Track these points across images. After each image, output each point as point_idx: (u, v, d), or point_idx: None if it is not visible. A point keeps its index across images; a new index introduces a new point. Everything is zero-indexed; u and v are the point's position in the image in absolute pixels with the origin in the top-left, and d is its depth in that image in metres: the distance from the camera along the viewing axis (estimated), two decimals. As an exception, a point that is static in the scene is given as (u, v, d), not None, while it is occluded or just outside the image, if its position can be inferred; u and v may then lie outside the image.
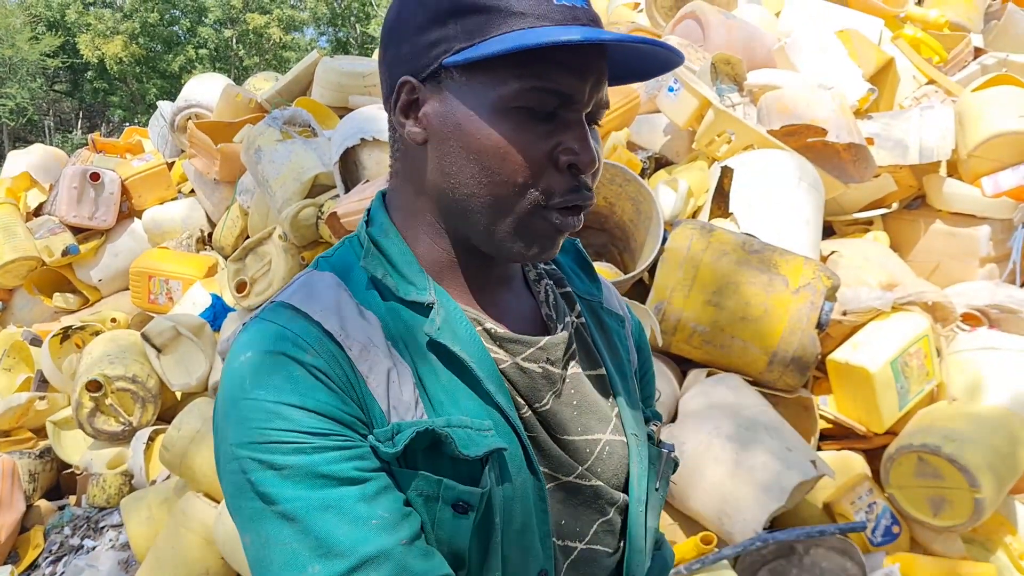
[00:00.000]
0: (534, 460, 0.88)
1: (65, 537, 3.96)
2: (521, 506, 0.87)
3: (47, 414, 4.54)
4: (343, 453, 0.79)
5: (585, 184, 0.87)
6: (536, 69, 0.81)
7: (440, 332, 0.86)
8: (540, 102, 0.82)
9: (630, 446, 0.99)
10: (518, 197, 0.84)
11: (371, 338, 0.86)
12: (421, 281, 0.90)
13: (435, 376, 0.86)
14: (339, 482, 0.78)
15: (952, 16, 5.32)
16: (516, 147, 0.82)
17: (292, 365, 0.80)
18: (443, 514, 0.82)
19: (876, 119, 3.90)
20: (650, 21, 5.59)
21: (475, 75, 0.83)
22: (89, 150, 6.50)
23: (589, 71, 0.83)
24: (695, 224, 2.97)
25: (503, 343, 0.91)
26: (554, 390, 0.93)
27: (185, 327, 4.16)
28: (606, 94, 0.88)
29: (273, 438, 0.78)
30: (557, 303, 1.01)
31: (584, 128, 0.85)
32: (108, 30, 30.89)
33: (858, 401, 2.88)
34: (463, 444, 0.82)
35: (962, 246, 3.61)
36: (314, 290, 0.89)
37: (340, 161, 3.82)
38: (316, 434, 0.78)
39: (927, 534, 2.70)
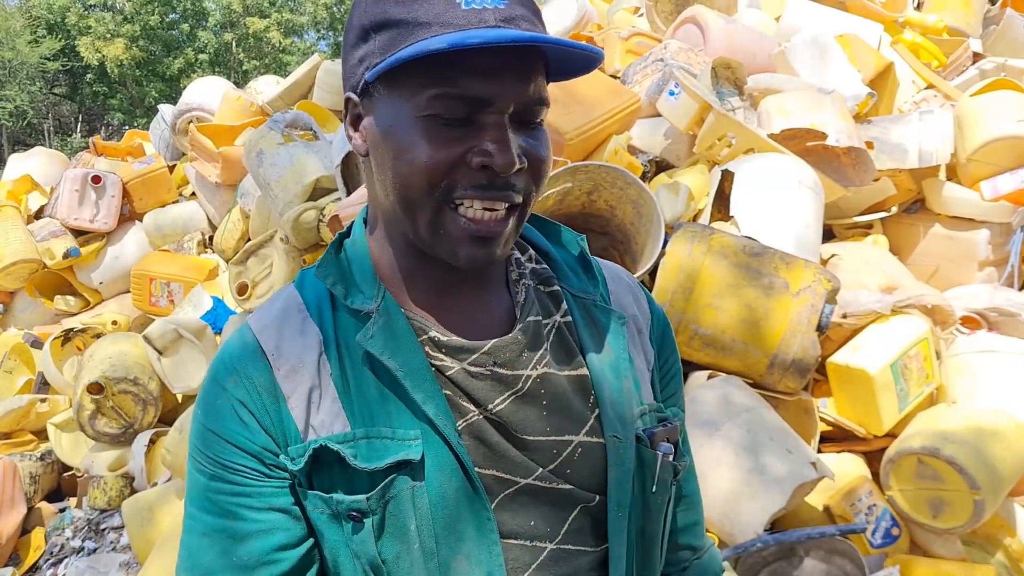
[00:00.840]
0: (470, 468, 0.88)
1: (66, 539, 3.96)
2: (460, 513, 0.88)
3: (48, 416, 4.55)
4: (233, 487, 0.89)
5: (506, 184, 0.85)
6: (443, 76, 0.81)
7: (372, 341, 0.89)
8: (448, 108, 0.82)
9: (608, 449, 0.96)
10: (425, 198, 0.85)
11: (302, 357, 0.92)
12: (370, 289, 0.94)
13: (366, 386, 0.90)
14: (219, 513, 0.90)
15: (951, 21, 5.34)
16: (425, 152, 0.83)
17: (219, 393, 0.91)
18: (347, 527, 0.88)
19: (875, 123, 3.92)
20: (650, 25, 5.61)
21: (394, 88, 0.85)
22: (90, 153, 6.51)
23: (504, 71, 0.82)
24: (696, 227, 2.98)
25: (449, 350, 0.93)
26: (512, 391, 0.93)
27: (186, 329, 4.17)
28: (537, 92, 0.86)
29: (195, 454, 0.92)
30: (527, 302, 1.00)
31: (502, 130, 0.83)
32: (108, 33, 30.87)
33: (858, 403, 2.88)
34: (364, 457, 0.87)
35: (961, 250, 3.62)
36: (270, 307, 0.98)
37: (341, 164, 3.83)
38: (218, 462, 0.90)
39: (927, 536, 2.71)
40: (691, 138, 3.88)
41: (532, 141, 0.87)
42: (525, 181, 0.88)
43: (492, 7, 0.82)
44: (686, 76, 3.81)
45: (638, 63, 4.43)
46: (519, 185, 0.87)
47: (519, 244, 1.07)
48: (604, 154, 3.58)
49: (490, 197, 0.85)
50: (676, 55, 4.30)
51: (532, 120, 0.87)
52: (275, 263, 4.18)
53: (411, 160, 0.84)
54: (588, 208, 3.42)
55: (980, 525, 2.55)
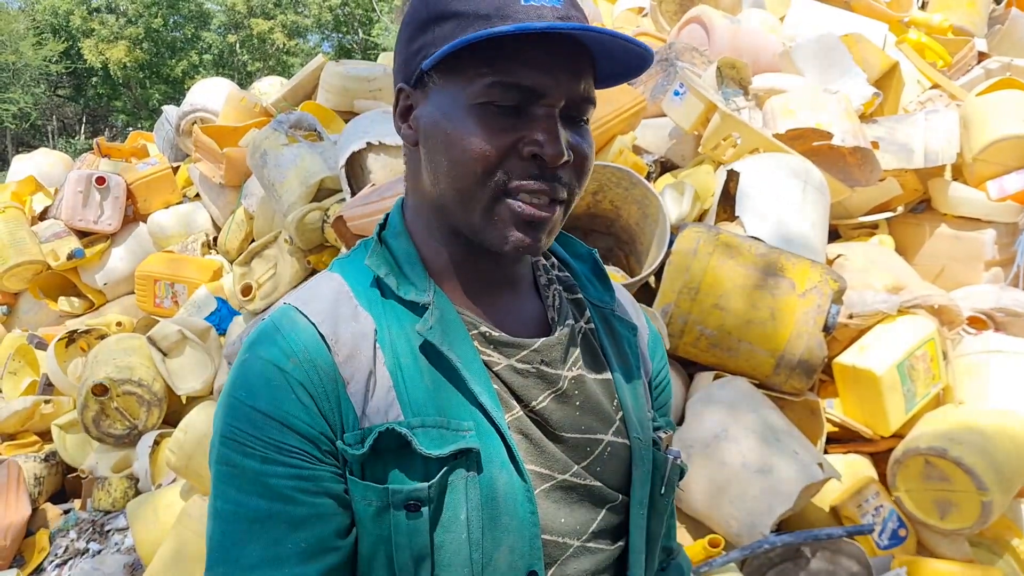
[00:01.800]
0: (519, 460, 0.90)
1: (71, 541, 3.96)
2: (505, 505, 0.89)
3: (52, 418, 4.55)
4: (288, 471, 0.86)
5: (553, 175, 0.88)
6: (499, 66, 0.84)
7: (431, 332, 0.90)
8: (503, 97, 0.85)
9: (632, 449, 1.01)
10: (480, 186, 0.87)
11: (358, 343, 0.91)
12: (421, 282, 0.95)
13: (420, 375, 0.90)
14: (274, 497, 0.85)
15: (956, 21, 5.33)
16: (478, 139, 0.86)
17: (274, 373, 0.87)
18: (397, 520, 0.86)
19: (881, 123, 3.91)
20: (655, 25, 5.60)
21: (450, 77, 0.88)
22: (94, 154, 6.51)
23: (557, 66, 0.86)
24: (701, 228, 2.98)
25: (497, 346, 0.95)
26: (553, 390, 0.96)
27: (190, 331, 4.17)
28: (587, 90, 0.90)
29: (237, 437, 0.87)
30: (562, 307, 1.04)
31: (552, 122, 0.86)
32: (112, 35, 30.95)
33: (864, 404, 2.88)
34: (427, 444, 0.86)
35: (967, 250, 3.61)
36: (317, 291, 0.96)
37: (346, 165, 3.83)
38: (272, 445, 0.86)
39: (934, 537, 2.70)
40: (696, 138, 3.87)
41: (578, 138, 0.91)
42: (570, 176, 0.90)
43: (551, 5, 0.85)
44: (691, 76, 3.80)
45: (643, 63, 4.42)
46: (565, 179, 0.90)
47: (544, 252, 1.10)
48: (609, 154, 3.58)
49: (539, 189, 0.88)
50: (681, 55, 4.29)
51: (579, 117, 0.91)
52: (279, 264, 4.18)
53: (465, 148, 0.87)
54: (593, 208, 3.42)
55: (988, 526, 2.55)
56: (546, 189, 0.88)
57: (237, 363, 0.91)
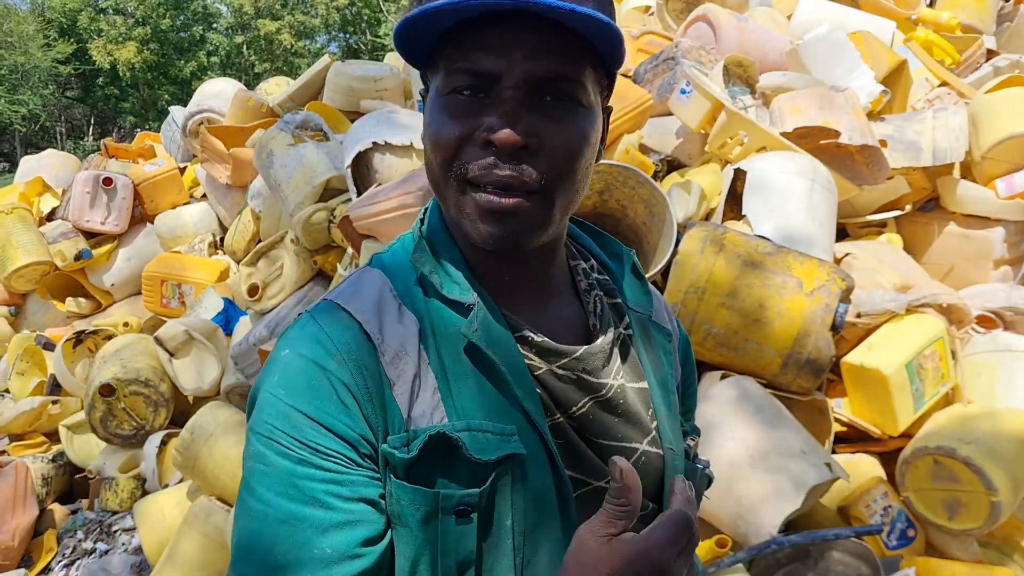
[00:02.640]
0: (559, 465, 0.89)
1: (78, 541, 3.97)
2: (545, 510, 0.88)
3: (60, 418, 4.56)
4: (323, 474, 0.82)
5: (512, 160, 0.83)
6: (456, 53, 0.83)
7: (477, 334, 0.88)
8: (464, 82, 0.83)
9: (666, 459, 1.00)
10: (445, 177, 0.86)
11: (404, 344, 0.89)
12: (464, 282, 0.92)
13: (465, 378, 0.88)
14: (305, 501, 0.82)
15: (964, 18, 5.30)
16: (442, 127, 0.85)
17: (316, 372, 0.85)
18: (446, 525, 0.84)
19: (889, 121, 3.89)
20: (661, 24, 5.59)
21: (432, 72, 0.89)
22: (102, 155, 6.53)
23: (513, 47, 0.81)
24: (708, 227, 2.96)
25: (540, 351, 0.92)
26: (594, 397, 0.94)
27: (197, 331, 4.18)
28: (556, 68, 0.83)
29: (274, 435, 0.84)
30: (604, 313, 1.01)
31: (508, 104, 0.82)
32: (120, 36, 31.07)
33: (873, 404, 2.86)
34: (476, 448, 0.84)
35: (976, 248, 3.59)
36: (360, 288, 0.94)
37: (352, 165, 3.83)
38: (309, 446, 0.83)
39: (943, 537, 2.68)
40: (703, 137, 3.86)
41: (555, 123, 0.84)
42: (539, 166, 0.84)
43: None
44: (698, 75, 3.79)
45: (649, 62, 4.42)
46: (528, 169, 0.83)
47: (582, 254, 1.07)
48: (616, 153, 3.57)
49: (494, 180, 0.83)
50: (687, 54, 4.28)
51: (561, 99, 0.85)
52: (286, 264, 4.18)
53: (431, 138, 0.87)
54: (600, 208, 3.41)
55: (997, 527, 2.53)
56: (506, 176, 0.83)
57: (276, 359, 0.88)
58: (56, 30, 31.46)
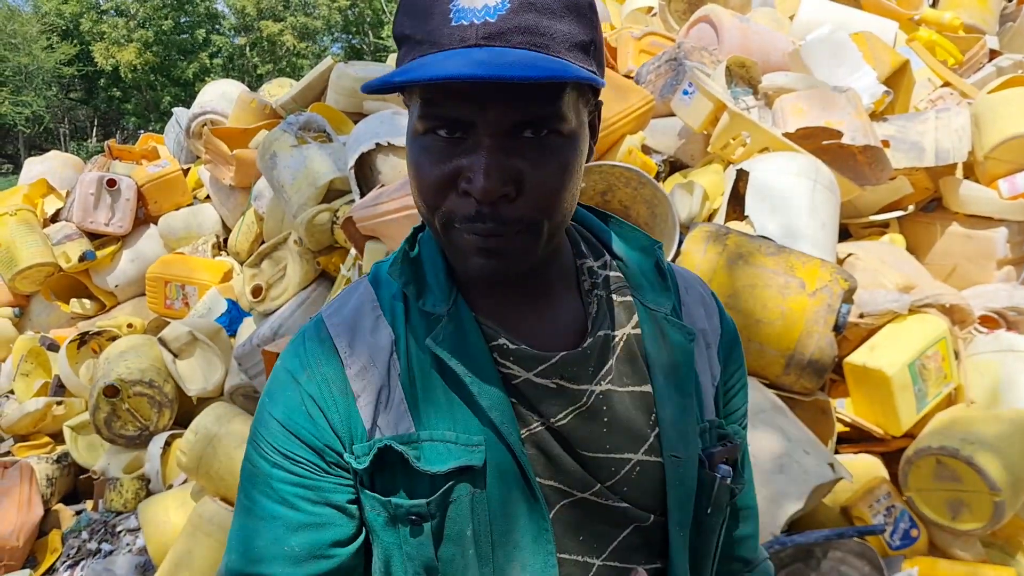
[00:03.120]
0: (531, 476, 0.88)
1: (82, 541, 3.98)
2: (517, 522, 0.88)
3: (64, 419, 4.57)
4: (294, 478, 0.90)
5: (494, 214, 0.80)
6: (429, 96, 0.79)
7: (442, 345, 0.89)
8: (436, 127, 0.80)
9: (666, 468, 0.94)
10: (432, 215, 0.85)
11: (373, 357, 0.92)
12: (443, 292, 0.92)
13: (434, 389, 0.90)
14: (279, 501, 0.90)
15: (967, 18, 5.30)
16: (422, 170, 0.83)
17: (290, 385, 0.92)
18: (404, 531, 0.88)
19: (892, 121, 3.89)
20: (663, 25, 5.59)
21: (410, 102, 0.85)
22: (105, 156, 6.54)
23: (485, 95, 0.76)
24: (710, 227, 2.97)
25: (517, 359, 0.90)
26: (576, 406, 0.91)
27: (201, 332, 4.19)
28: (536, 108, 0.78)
29: (257, 440, 0.93)
30: (599, 314, 0.96)
31: (483, 154, 0.78)
32: (122, 38, 31.11)
33: (875, 404, 2.86)
34: (428, 460, 0.87)
35: (979, 248, 3.59)
36: (346, 300, 0.99)
37: (355, 166, 3.83)
38: (281, 452, 0.90)
39: (946, 538, 2.68)
40: (705, 138, 3.86)
41: (535, 163, 0.80)
42: (521, 210, 0.81)
43: (481, 22, 0.76)
44: (700, 75, 3.79)
45: (652, 63, 4.42)
46: (509, 215, 0.81)
47: (595, 249, 1.03)
48: (618, 154, 3.57)
49: (477, 231, 0.81)
50: (690, 54, 4.29)
51: (541, 133, 0.80)
52: (289, 265, 4.19)
53: (416, 178, 0.84)
54: (602, 208, 3.41)
55: (1000, 527, 2.53)
56: (489, 228, 0.81)
57: (273, 370, 0.97)
58: (59, 32, 31.52)
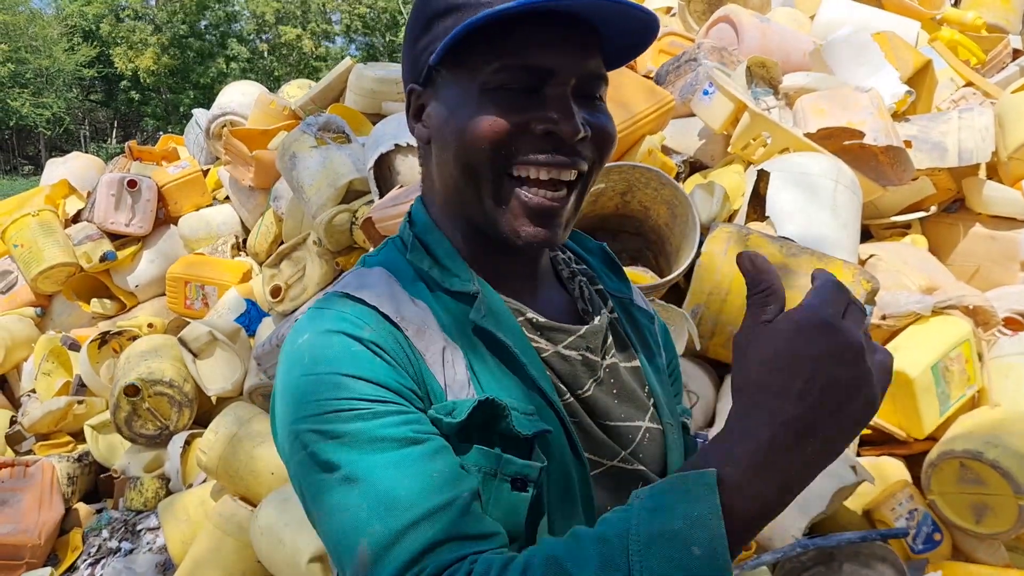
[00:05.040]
0: (578, 444, 0.90)
1: (103, 540, 4.00)
2: (566, 489, 0.89)
3: (85, 418, 4.60)
4: (401, 417, 0.80)
5: (572, 149, 0.86)
6: (504, 49, 0.84)
7: (485, 319, 0.89)
8: (512, 79, 0.85)
9: (666, 434, 1.02)
10: (488, 165, 0.86)
11: (424, 321, 0.90)
12: (464, 273, 0.94)
13: (482, 362, 0.89)
14: (399, 443, 0.79)
15: (989, 18, 5.26)
16: (489, 120, 0.85)
17: (349, 341, 0.84)
18: (500, 492, 0.83)
19: (914, 121, 3.86)
20: (683, 25, 5.57)
21: (457, 70, 0.88)
22: (126, 157, 6.58)
23: (566, 43, 0.85)
24: (731, 228, 2.95)
25: (544, 331, 0.94)
26: (594, 377, 0.96)
27: (221, 332, 4.20)
28: (597, 67, 0.89)
29: (332, 407, 0.80)
30: (592, 298, 1.05)
31: (566, 100, 0.85)
32: (140, 42, 31.35)
33: (898, 406, 2.84)
34: (517, 422, 0.84)
35: (1002, 250, 3.56)
36: (366, 280, 0.94)
37: (374, 167, 3.84)
38: (375, 400, 0.80)
39: (970, 541, 2.66)
40: (726, 138, 3.84)
41: (595, 113, 0.89)
42: (591, 150, 0.89)
43: None
44: (720, 75, 3.78)
45: (671, 63, 4.41)
46: (585, 152, 0.88)
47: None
48: (638, 155, 3.56)
49: (556, 163, 0.86)
50: (710, 54, 4.27)
51: (593, 95, 0.90)
52: (308, 266, 4.20)
53: (475, 128, 0.85)
54: (622, 209, 3.40)
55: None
56: (566, 164, 0.87)
57: (299, 345, 0.86)
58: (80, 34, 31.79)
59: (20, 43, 29.23)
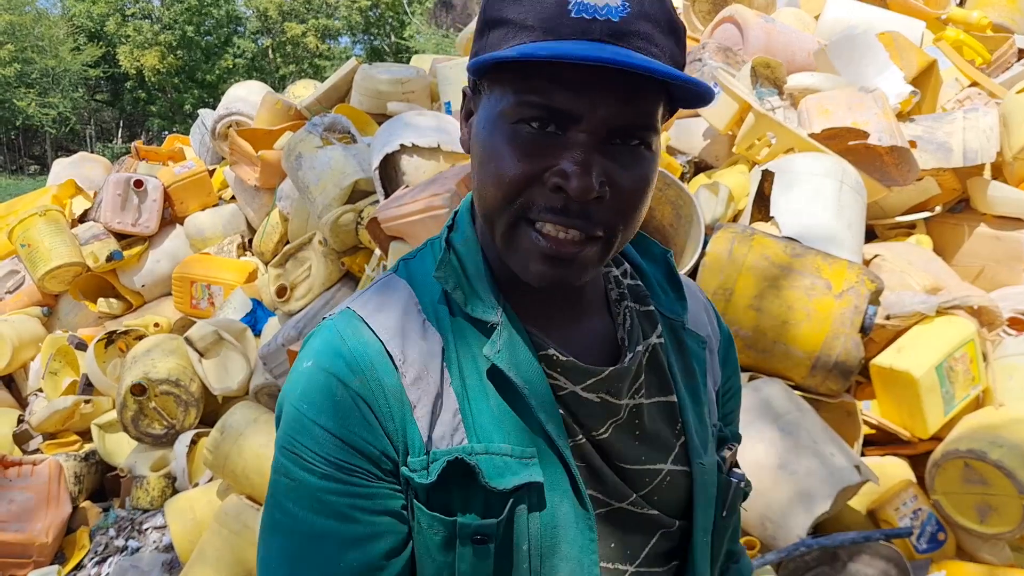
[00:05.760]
0: (582, 489, 0.88)
1: (110, 538, 4.02)
2: (564, 533, 0.87)
3: (92, 417, 4.62)
4: (349, 488, 0.84)
5: (581, 211, 0.80)
6: (534, 84, 0.78)
7: (499, 356, 0.86)
8: (533, 116, 0.79)
9: (694, 476, 0.97)
10: (501, 210, 0.82)
11: (427, 364, 0.88)
12: (489, 298, 0.90)
13: (486, 399, 0.88)
14: (330, 515, 0.83)
15: (995, 17, 5.25)
16: (505, 161, 0.80)
17: (338, 388, 0.85)
18: (463, 552, 0.85)
19: (919, 122, 3.86)
20: (688, 25, 5.57)
21: (494, 87, 0.83)
22: (132, 157, 6.60)
23: (599, 90, 0.76)
24: (736, 228, 2.96)
25: (565, 370, 0.90)
26: (615, 419, 0.92)
27: (227, 332, 4.22)
28: (639, 115, 0.79)
29: (297, 450, 0.85)
30: (633, 328, 0.97)
31: (585, 152, 0.78)
32: (146, 41, 31.40)
33: (902, 406, 2.84)
34: (492, 475, 0.84)
35: (1007, 250, 3.55)
36: (386, 301, 0.92)
37: (380, 167, 3.85)
38: (332, 462, 0.84)
39: (974, 541, 2.66)
40: (730, 138, 3.85)
41: (625, 170, 0.81)
42: (606, 214, 0.81)
43: (603, 19, 0.75)
44: (725, 76, 3.78)
45: (676, 63, 4.40)
46: (597, 217, 0.81)
47: (615, 258, 1.04)
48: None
49: (562, 224, 0.80)
50: (714, 55, 4.27)
51: (631, 143, 0.81)
52: (314, 265, 4.21)
53: (493, 169, 0.82)
54: (626, 209, 3.40)
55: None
56: (571, 226, 0.80)
57: (301, 370, 0.88)
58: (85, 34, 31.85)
59: (26, 43, 29.30)
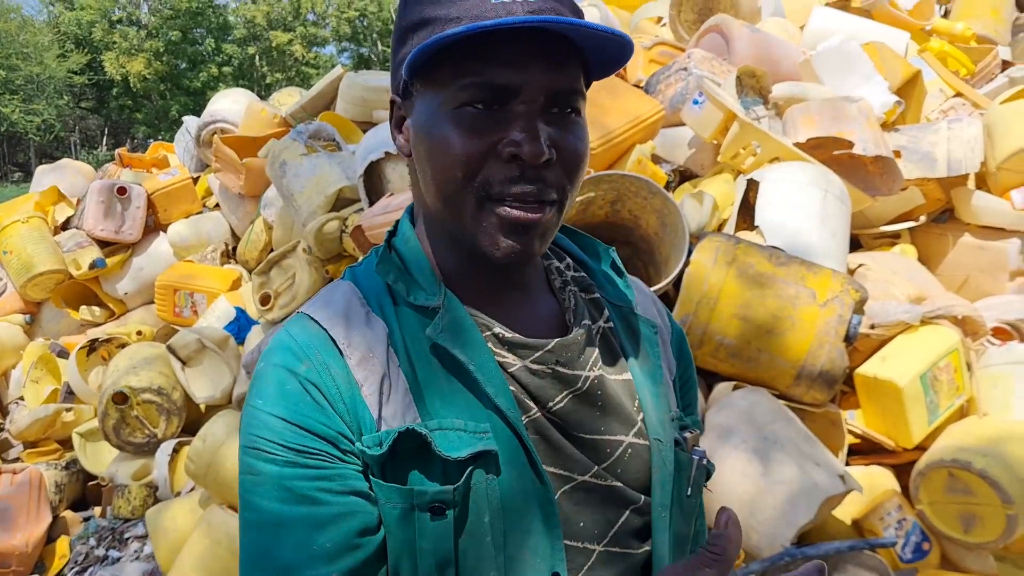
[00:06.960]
0: (538, 462, 0.89)
1: (90, 548, 3.98)
2: (523, 506, 0.88)
3: (73, 426, 4.58)
4: (311, 471, 0.85)
5: (537, 176, 0.86)
6: (470, 67, 0.83)
7: (442, 336, 0.90)
8: (477, 97, 0.84)
9: (652, 451, 0.99)
10: (462, 191, 0.86)
11: (371, 348, 0.91)
12: (431, 286, 0.94)
13: (435, 380, 0.90)
14: (296, 500, 0.84)
15: (979, 29, 5.30)
16: (457, 143, 0.85)
17: (287, 377, 0.88)
18: (422, 523, 0.85)
19: (903, 132, 3.88)
20: (674, 35, 5.59)
21: (429, 85, 0.88)
22: (116, 165, 6.57)
23: (531, 60, 0.83)
24: (721, 237, 2.96)
25: (512, 347, 0.94)
26: (571, 390, 0.95)
27: (210, 340, 4.19)
28: (570, 81, 0.87)
29: (257, 444, 0.86)
30: (579, 307, 1.03)
31: (530, 119, 0.84)
32: (132, 48, 31.34)
33: (887, 416, 2.84)
34: (446, 446, 0.85)
35: (991, 260, 3.57)
36: (330, 298, 0.97)
37: (364, 175, 3.84)
38: (291, 448, 0.85)
39: (958, 551, 2.66)
40: (715, 147, 3.85)
41: (565, 133, 0.87)
42: (558, 175, 0.87)
43: (522, 0, 0.83)
44: (710, 85, 3.79)
45: (661, 72, 4.42)
46: (551, 178, 0.87)
47: (556, 253, 1.10)
48: (628, 164, 3.57)
49: (520, 189, 0.85)
50: (700, 64, 4.28)
51: (566, 111, 0.88)
52: (298, 274, 4.19)
53: (446, 152, 0.86)
54: (612, 218, 3.41)
55: (1013, 540, 2.50)
56: (531, 191, 0.86)
57: (255, 374, 0.92)
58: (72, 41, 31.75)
59: (11, 50, 29.18)
